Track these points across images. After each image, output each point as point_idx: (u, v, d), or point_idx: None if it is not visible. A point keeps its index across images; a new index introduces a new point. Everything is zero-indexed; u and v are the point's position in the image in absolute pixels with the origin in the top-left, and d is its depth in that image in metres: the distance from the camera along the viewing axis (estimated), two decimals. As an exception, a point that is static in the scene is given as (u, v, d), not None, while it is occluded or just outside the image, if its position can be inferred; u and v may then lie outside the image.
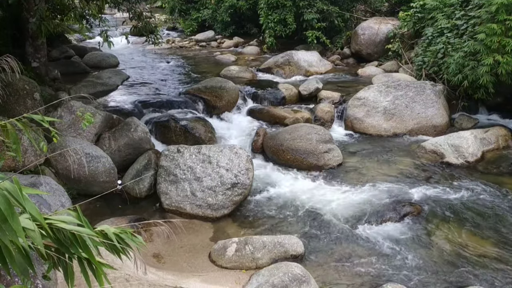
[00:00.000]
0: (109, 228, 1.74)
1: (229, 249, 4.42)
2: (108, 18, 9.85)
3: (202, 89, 8.34)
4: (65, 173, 5.35)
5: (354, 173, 6.32)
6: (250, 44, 14.47)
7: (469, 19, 8.13)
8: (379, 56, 11.57)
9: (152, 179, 5.72)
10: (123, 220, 4.86)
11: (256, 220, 5.25)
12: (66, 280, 1.73)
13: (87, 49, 12.31)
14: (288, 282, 3.72)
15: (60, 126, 5.92)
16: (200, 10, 17.12)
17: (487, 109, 8.40)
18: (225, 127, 7.81)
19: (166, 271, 4.15)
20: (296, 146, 6.51)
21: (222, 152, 5.60)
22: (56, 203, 4.46)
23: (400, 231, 4.96)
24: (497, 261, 4.42)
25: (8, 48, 6.84)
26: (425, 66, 9.08)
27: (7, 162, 4.86)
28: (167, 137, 6.94)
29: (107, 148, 6.00)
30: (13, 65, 2.18)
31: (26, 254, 1.50)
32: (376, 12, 13.43)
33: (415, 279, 4.17)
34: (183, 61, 12.59)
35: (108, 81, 9.35)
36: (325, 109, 8.19)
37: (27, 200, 1.45)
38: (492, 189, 5.82)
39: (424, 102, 7.89)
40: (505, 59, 6.89)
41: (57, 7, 7.85)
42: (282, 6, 12.61)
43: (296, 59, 11.01)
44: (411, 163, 6.59)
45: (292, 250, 4.44)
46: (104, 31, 6.96)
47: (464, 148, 6.70)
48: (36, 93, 5.84)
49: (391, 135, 7.70)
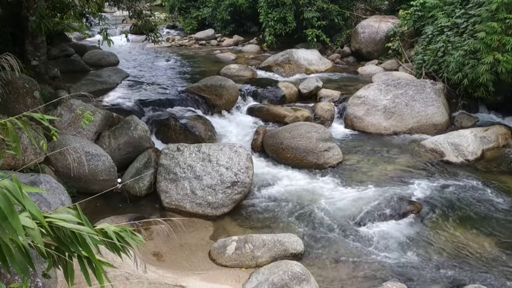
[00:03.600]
0: (109, 227, 1.74)
1: (229, 247, 4.42)
2: (108, 17, 9.81)
3: (202, 87, 8.33)
4: (65, 172, 5.35)
5: (354, 172, 6.32)
6: (250, 42, 14.46)
7: (469, 18, 8.13)
8: (379, 55, 11.57)
9: (152, 178, 5.72)
10: (123, 219, 4.87)
11: (256, 219, 5.26)
12: (66, 278, 1.74)
13: (87, 47, 12.29)
14: (288, 280, 3.73)
15: (60, 125, 5.92)
16: (200, 8, 17.10)
17: (487, 107, 8.40)
18: (225, 125, 7.81)
19: (166, 269, 4.15)
20: (296, 144, 6.51)
21: (222, 151, 5.60)
22: (56, 202, 4.46)
23: (400, 229, 4.96)
24: (496, 260, 4.43)
25: (8, 46, 6.83)
26: (425, 65, 9.07)
27: (7, 161, 4.86)
28: (167, 136, 6.94)
29: (107, 147, 5.99)
30: (12, 63, 2.18)
31: (26, 253, 1.50)
32: (376, 10, 13.41)
33: (415, 278, 4.17)
34: (182, 60, 12.58)
35: (108, 80, 9.35)
36: (325, 108, 8.19)
37: (27, 199, 1.45)
38: (492, 187, 5.82)
39: (424, 101, 7.89)
40: (505, 57, 6.89)
41: (56, 5, 7.83)
42: (282, 4, 12.59)
43: (296, 57, 11.01)
44: (411, 162, 6.59)
45: (292, 249, 4.44)
46: (104, 29, 6.95)
47: (464, 146, 6.70)
48: (35, 91, 5.84)
49: (391, 133, 7.70)
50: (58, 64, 9.21)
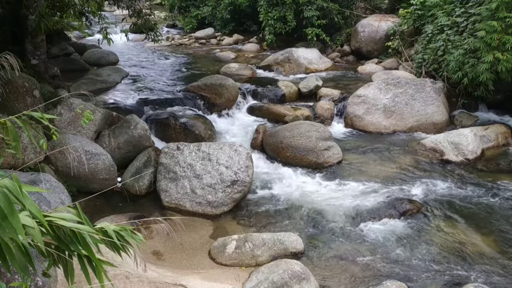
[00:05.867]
0: (109, 226, 1.74)
1: (229, 246, 4.42)
2: (108, 15, 9.81)
3: (202, 86, 8.33)
4: (64, 171, 5.35)
5: (354, 171, 6.32)
6: (250, 41, 14.45)
7: (469, 17, 8.12)
8: (379, 54, 11.56)
9: (151, 177, 5.72)
10: (123, 218, 4.87)
11: (256, 218, 5.26)
12: (66, 278, 1.74)
13: (87, 46, 12.30)
14: (287, 279, 3.73)
15: (60, 124, 5.92)
16: (200, 7, 17.09)
17: (487, 106, 8.39)
18: (225, 124, 7.81)
19: (166, 268, 4.15)
20: (296, 143, 6.51)
21: (222, 150, 5.61)
22: (56, 201, 4.46)
23: (399, 228, 4.97)
24: (496, 259, 4.43)
25: (7, 45, 6.81)
26: (425, 64, 9.07)
27: (7, 160, 4.86)
28: (167, 135, 6.94)
29: (106, 146, 5.99)
30: (12, 62, 2.17)
31: (26, 252, 1.50)
32: (376, 9, 13.40)
33: (414, 277, 4.18)
34: (182, 59, 12.57)
35: (107, 79, 9.34)
36: (325, 107, 8.19)
37: (27, 198, 1.45)
38: (491, 186, 5.82)
39: (424, 100, 7.89)
40: (505, 56, 6.88)
41: (56, 4, 7.82)
42: (282, 3, 12.58)
43: (296, 56, 11.00)
44: (411, 161, 6.59)
45: (291, 247, 4.45)
46: (104, 28, 6.95)
47: (463, 145, 6.70)
48: (35, 90, 5.84)
49: (391, 132, 7.70)
50: (58, 63, 9.20)
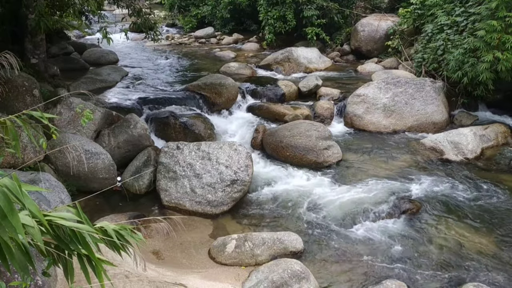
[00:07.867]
0: (108, 225, 1.74)
1: (229, 245, 4.43)
2: (107, 15, 9.82)
3: (202, 85, 8.32)
4: (64, 170, 5.35)
5: (354, 170, 6.32)
6: (250, 40, 14.44)
7: (469, 16, 8.12)
8: (379, 53, 11.56)
9: (151, 176, 5.72)
10: (123, 217, 4.87)
11: (256, 217, 5.26)
12: (66, 277, 1.74)
13: (87, 45, 12.29)
14: (287, 278, 3.73)
15: (60, 123, 5.92)
16: (200, 6, 17.07)
17: (487, 106, 8.40)
18: (225, 123, 7.80)
19: (165, 267, 4.15)
20: (295, 142, 6.51)
21: (221, 149, 5.60)
22: (56, 200, 4.46)
23: (399, 227, 4.97)
24: (496, 258, 4.44)
25: (7, 44, 6.81)
26: (425, 63, 9.07)
27: (7, 159, 4.85)
28: (167, 134, 6.93)
29: (106, 145, 5.99)
30: (12, 61, 2.17)
31: (26, 251, 1.50)
32: (376, 8, 13.39)
33: (414, 276, 4.18)
34: (182, 58, 12.57)
35: (107, 78, 9.34)
36: (325, 106, 8.18)
37: (27, 197, 1.45)
38: (491, 186, 5.83)
39: (424, 99, 7.89)
40: (505, 56, 6.88)
41: (56, 3, 7.82)
42: (281, 2, 12.57)
43: (295, 55, 11.00)
44: (411, 160, 6.59)
45: (291, 247, 4.45)
46: (103, 27, 6.93)
47: (463, 145, 6.70)
48: (35, 89, 5.84)
49: (391, 131, 7.70)
50: (58, 62, 9.20)
